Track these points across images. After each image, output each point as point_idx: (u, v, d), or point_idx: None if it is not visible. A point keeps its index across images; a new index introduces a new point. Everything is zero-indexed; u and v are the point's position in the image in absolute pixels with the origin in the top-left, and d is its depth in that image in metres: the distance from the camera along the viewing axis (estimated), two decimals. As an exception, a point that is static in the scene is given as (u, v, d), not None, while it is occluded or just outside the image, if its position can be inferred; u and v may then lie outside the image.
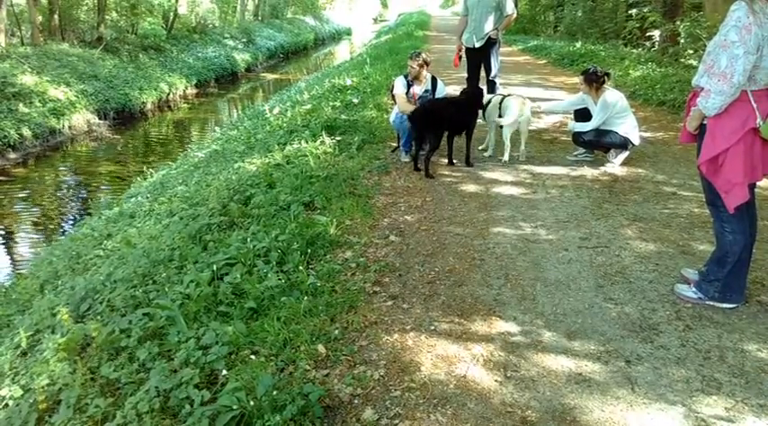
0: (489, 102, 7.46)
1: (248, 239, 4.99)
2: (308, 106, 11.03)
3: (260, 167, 7.41)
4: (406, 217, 5.57)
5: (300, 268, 4.50)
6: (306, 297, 4.05)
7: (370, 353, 3.46)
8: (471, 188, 6.33)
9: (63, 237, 9.37)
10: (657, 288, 4.07)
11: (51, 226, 10.93)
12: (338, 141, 8.08)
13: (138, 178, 10.59)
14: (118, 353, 3.66)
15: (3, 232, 11.00)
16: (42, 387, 3.40)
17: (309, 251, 4.77)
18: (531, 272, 4.34)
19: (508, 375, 3.19)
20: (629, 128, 6.69)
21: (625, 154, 6.91)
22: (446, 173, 6.94)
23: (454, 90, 8.49)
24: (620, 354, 3.33)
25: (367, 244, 4.97)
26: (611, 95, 6.61)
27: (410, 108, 6.96)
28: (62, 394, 3.30)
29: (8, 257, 10.04)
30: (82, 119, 16.81)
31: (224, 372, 3.23)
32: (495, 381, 3.14)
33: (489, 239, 4.96)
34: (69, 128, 16.22)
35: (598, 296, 3.98)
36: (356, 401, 3.05)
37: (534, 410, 2.90)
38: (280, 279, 4.32)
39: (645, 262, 4.44)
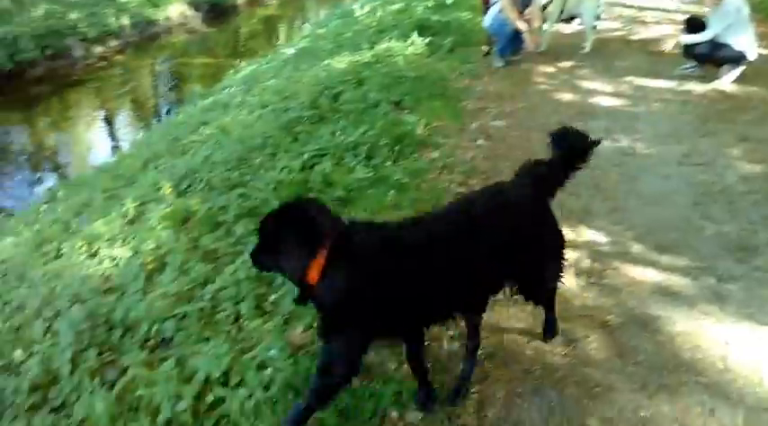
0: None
1: (337, 133, 5.07)
2: (399, 5, 10.68)
3: (349, 65, 7.36)
4: (495, 122, 5.44)
5: (388, 163, 4.56)
6: (392, 191, 4.13)
7: (453, 249, 3.52)
8: (567, 97, 6.07)
9: (160, 122, 9.87)
10: (760, 210, 3.85)
11: (147, 111, 11.50)
12: (429, 42, 7.85)
13: (231, 71, 10.81)
14: (216, 227, 3.90)
15: (103, 114, 11.70)
16: (150, 250, 3.72)
17: (397, 148, 4.80)
18: (624, 185, 4.21)
19: (592, 281, 3.19)
20: (746, 41, 6.08)
21: (739, 70, 6.33)
22: (541, 80, 6.66)
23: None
24: (713, 272, 3.23)
25: (454, 146, 4.93)
26: (732, 2, 5.97)
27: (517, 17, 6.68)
28: (168, 257, 3.60)
29: (109, 137, 10.75)
30: (177, 10, 17.08)
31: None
32: (578, 285, 3.15)
33: (582, 149, 4.80)
34: (166, 19, 16.55)
35: (695, 213, 3.82)
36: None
37: (616, 315, 2.91)
38: (367, 173, 4.40)
39: (749, 183, 4.18)
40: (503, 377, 2.53)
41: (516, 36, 7.05)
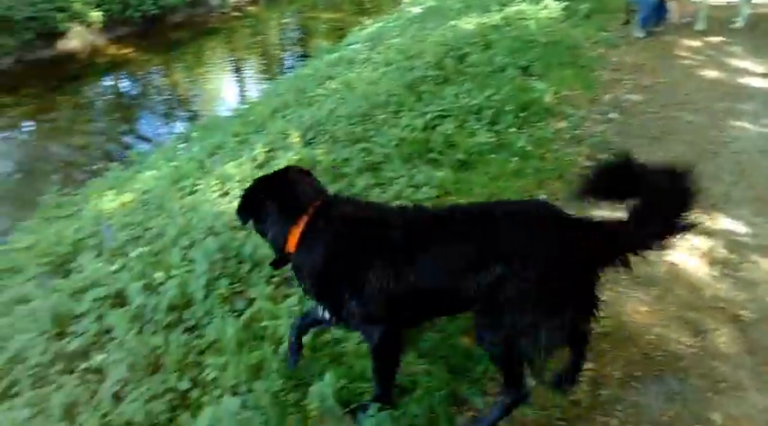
0: None
1: (461, 95, 5.02)
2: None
3: (477, 27, 7.21)
4: (631, 95, 5.14)
5: (512, 130, 4.47)
6: (515, 159, 4.06)
7: (574, 223, 3.42)
8: (713, 74, 5.59)
9: (287, 73, 10.23)
10: None
11: (274, 62, 11.94)
12: (564, 7, 7.49)
13: (356, 27, 10.93)
14: (339, 178, 4.03)
15: (234, 61, 12.29)
16: (278, 194, 3.91)
17: (522, 115, 4.68)
18: (772, 174, 3.86)
19: (726, 272, 2.98)
20: None
21: None
22: (684, 54, 6.17)
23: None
24: None
25: (584, 118, 4.73)
26: None
27: None
28: (293, 202, 3.77)
29: (238, 84, 11.31)
30: (308, -35, 17.41)
31: (433, 211, 3.42)
32: (711, 275, 2.96)
33: (727, 132, 4.44)
34: (296, -28, 16.95)
35: None
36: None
37: (750, 310, 2.71)
38: (490, 137, 4.35)
39: None
40: (619, 358, 2.45)
41: (660, 5, 6.57)
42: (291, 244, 2.04)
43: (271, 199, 2.11)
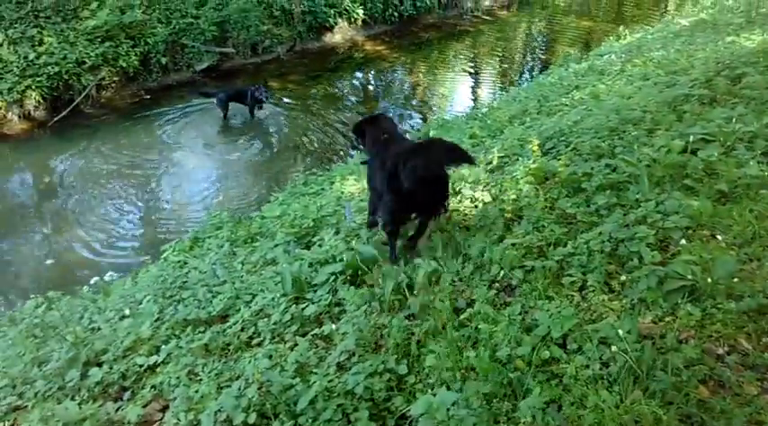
0: None
1: (733, 119, 4.44)
2: None
3: (761, 44, 6.34)
4: None
5: (791, 164, 3.83)
6: (792, 199, 3.47)
7: None
8: None
9: (527, 80, 10.13)
10: None
11: (515, 68, 11.89)
12: None
13: (610, 37, 10.36)
14: (576, 193, 3.86)
15: (473, 64, 12.50)
16: (510, 200, 3.89)
17: (808, 150, 3.98)
18: None
19: None
20: None
21: None
22: None
23: None
24: None
25: None
26: None
27: None
28: (524, 211, 3.72)
29: (475, 88, 11.48)
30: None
31: (682, 242, 3.09)
32: None
33: None
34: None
35: None
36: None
37: None
38: (762, 171, 3.78)
39: None
40: None
41: None
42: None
43: (369, 129, 4.20)
